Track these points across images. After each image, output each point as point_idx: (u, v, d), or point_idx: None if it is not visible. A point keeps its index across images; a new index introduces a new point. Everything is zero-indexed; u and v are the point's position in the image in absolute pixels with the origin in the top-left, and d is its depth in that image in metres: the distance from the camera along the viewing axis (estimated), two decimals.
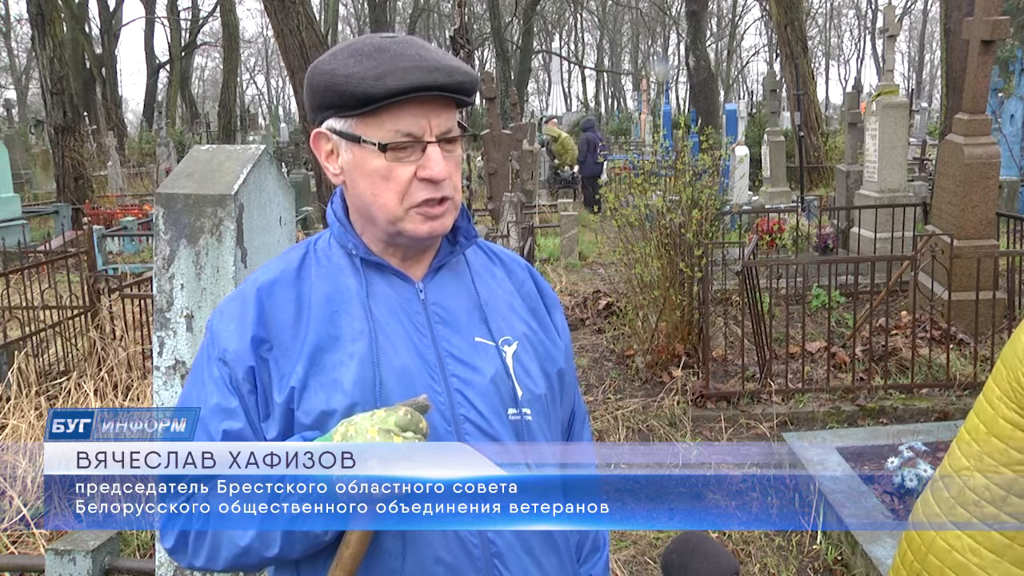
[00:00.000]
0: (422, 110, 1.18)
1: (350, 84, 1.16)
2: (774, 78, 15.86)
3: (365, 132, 1.19)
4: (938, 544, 1.66)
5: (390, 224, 1.22)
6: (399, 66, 1.15)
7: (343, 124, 1.22)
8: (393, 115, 1.18)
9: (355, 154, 1.22)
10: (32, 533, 3.67)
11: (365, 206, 1.24)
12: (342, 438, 1.11)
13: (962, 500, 1.56)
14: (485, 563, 1.20)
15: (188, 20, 36.31)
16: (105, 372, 5.02)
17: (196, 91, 47.75)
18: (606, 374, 6.02)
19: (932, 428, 4.52)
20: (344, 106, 1.19)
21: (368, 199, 1.23)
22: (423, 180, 1.20)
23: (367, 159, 1.20)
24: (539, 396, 1.30)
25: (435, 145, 1.20)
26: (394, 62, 1.16)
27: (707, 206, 5.79)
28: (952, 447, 1.70)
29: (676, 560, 1.49)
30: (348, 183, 1.25)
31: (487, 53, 44.81)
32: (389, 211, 1.21)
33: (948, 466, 1.68)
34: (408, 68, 1.15)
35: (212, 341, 1.24)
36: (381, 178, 1.20)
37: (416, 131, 1.19)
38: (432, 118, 1.19)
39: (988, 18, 5.97)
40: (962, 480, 1.58)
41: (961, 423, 1.72)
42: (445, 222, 1.24)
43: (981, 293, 5.24)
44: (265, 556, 1.15)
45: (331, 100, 1.19)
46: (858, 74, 57.20)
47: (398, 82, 1.15)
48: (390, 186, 1.20)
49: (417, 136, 1.19)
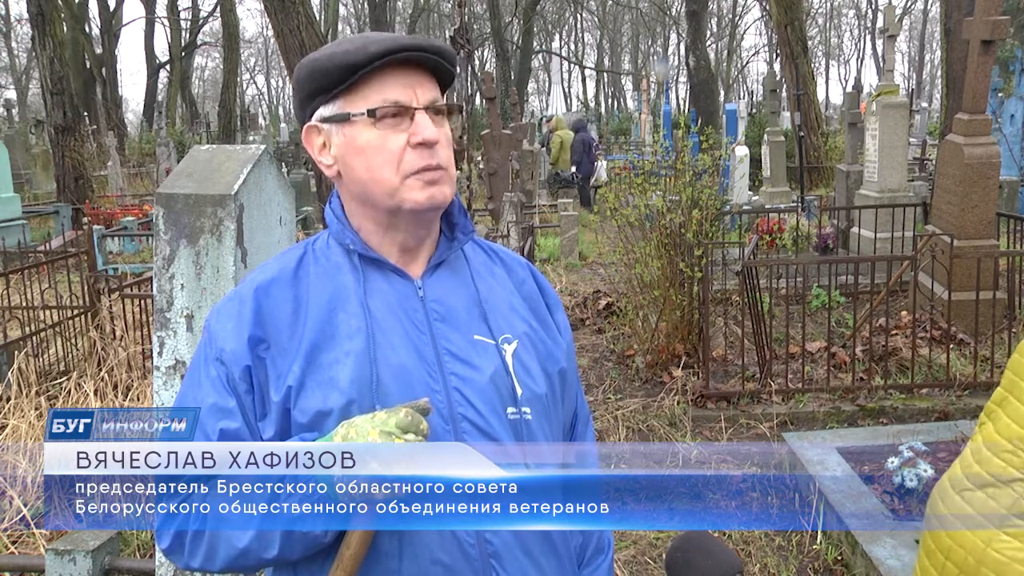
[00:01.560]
0: (406, 78, 1.21)
1: (332, 61, 1.20)
2: (774, 78, 15.86)
3: (353, 107, 1.21)
4: (991, 556, 1.60)
5: (389, 197, 1.22)
6: (377, 39, 1.20)
7: (331, 108, 1.23)
8: (377, 85, 1.20)
9: (346, 135, 1.23)
10: (32, 533, 3.67)
11: (362, 188, 1.24)
12: (342, 439, 1.10)
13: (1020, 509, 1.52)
14: (482, 564, 1.19)
15: (188, 20, 36.31)
16: (105, 372, 5.02)
17: (196, 91, 47.76)
18: (606, 374, 6.02)
19: (932, 428, 4.52)
20: (330, 85, 1.21)
21: (364, 177, 1.23)
22: (416, 147, 1.20)
23: (358, 135, 1.21)
24: (539, 395, 1.29)
25: (423, 112, 1.21)
26: (374, 37, 1.21)
27: (707, 206, 5.79)
28: (981, 453, 1.66)
29: (680, 558, 1.49)
30: (343, 171, 1.26)
31: (487, 53, 44.83)
32: (386, 183, 1.21)
33: (986, 474, 1.62)
34: (385, 39, 1.20)
35: (209, 341, 1.24)
36: (374, 151, 1.21)
37: (403, 99, 1.21)
38: (417, 87, 1.22)
39: (988, 18, 5.97)
40: (1017, 490, 1.54)
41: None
42: (444, 190, 1.24)
43: (981, 293, 5.24)
44: (263, 557, 1.14)
45: (317, 84, 1.22)
46: (858, 74, 57.25)
47: (378, 48, 1.18)
48: (384, 157, 1.21)
49: (404, 104, 1.21)
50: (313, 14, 10.43)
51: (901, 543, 3.33)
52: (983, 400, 5.00)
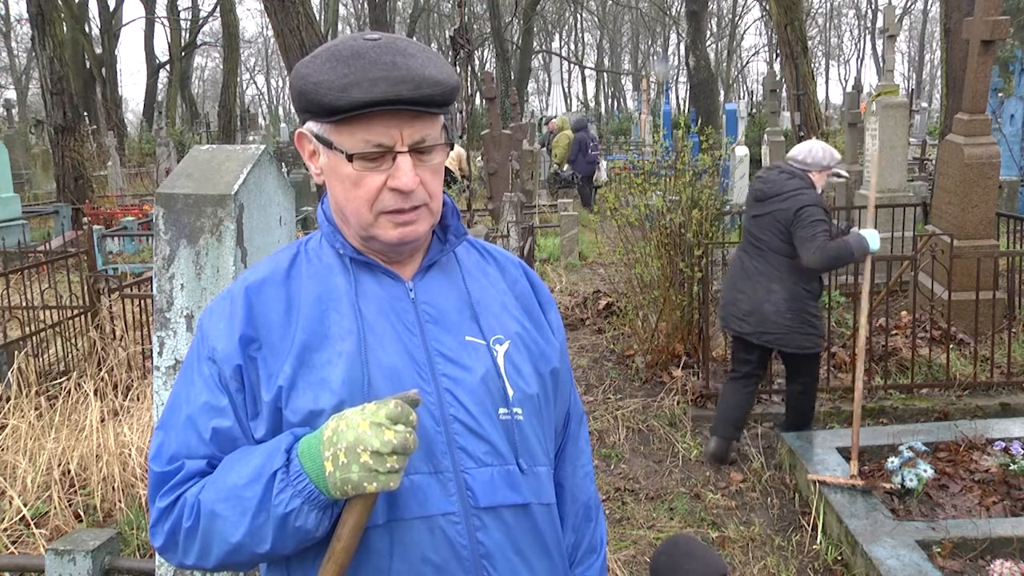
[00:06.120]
0: (393, 120, 1.17)
1: (318, 93, 1.16)
2: (774, 78, 15.87)
3: (337, 139, 1.20)
4: None
5: (362, 229, 1.23)
6: (367, 76, 1.14)
7: (319, 128, 1.22)
8: (363, 125, 1.17)
9: (330, 158, 1.22)
10: (32, 533, 3.67)
11: (340, 208, 1.25)
12: (333, 433, 1.11)
13: None
14: (473, 564, 1.20)
15: (188, 20, 36.30)
16: (105, 372, 5.02)
17: (196, 91, 47.76)
18: (606, 374, 6.02)
19: (932, 428, 4.52)
20: (317, 112, 1.19)
21: (342, 202, 1.23)
22: (392, 190, 1.19)
23: (339, 165, 1.20)
24: (531, 396, 1.29)
25: (406, 155, 1.18)
26: (363, 72, 1.14)
27: (707, 206, 5.79)
28: None
29: (665, 561, 1.50)
30: (327, 184, 1.26)
31: (487, 53, 44.82)
32: (360, 216, 1.22)
33: None
34: (375, 79, 1.14)
35: (202, 340, 1.25)
36: (352, 184, 1.20)
37: (386, 141, 1.18)
38: (404, 128, 1.18)
39: (988, 18, 5.97)
40: None
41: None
42: (417, 229, 1.23)
43: (981, 293, 5.24)
44: (257, 553, 1.14)
45: (305, 105, 1.20)
46: (858, 74, 57.26)
47: (362, 95, 1.13)
48: (360, 193, 1.20)
49: (387, 146, 1.18)
50: (313, 14, 10.43)
51: (901, 543, 3.32)
52: (983, 400, 5.01)
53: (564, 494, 1.40)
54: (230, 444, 1.20)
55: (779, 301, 4.24)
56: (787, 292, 4.24)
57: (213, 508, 1.14)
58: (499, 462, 1.23)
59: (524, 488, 1.24)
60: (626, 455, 4.76)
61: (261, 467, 1.13)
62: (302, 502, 1.11)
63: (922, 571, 3.12)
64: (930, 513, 3.73)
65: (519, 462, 1.24)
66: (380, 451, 1.07)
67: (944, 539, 3.37)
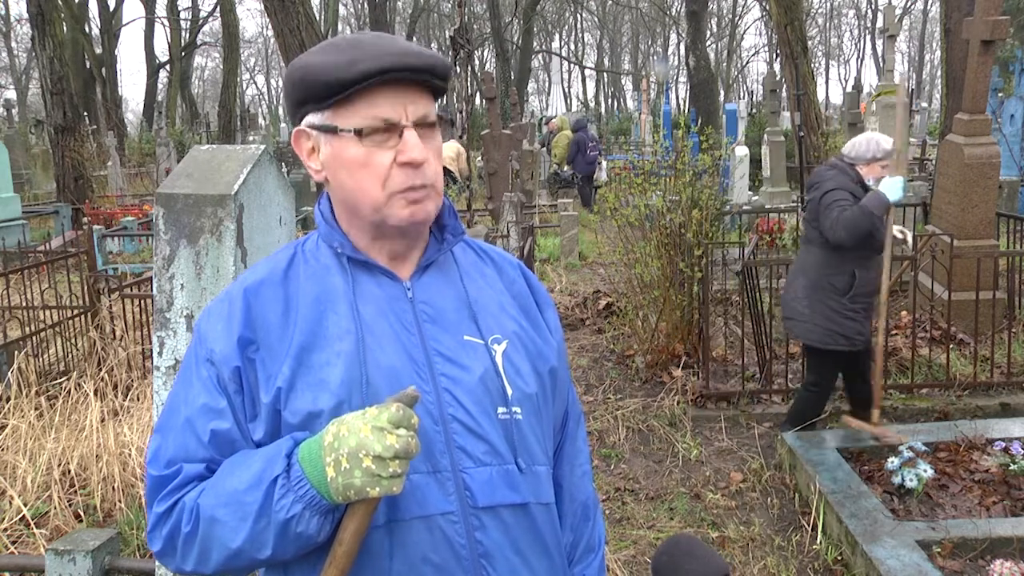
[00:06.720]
0: (396, 95, 1.19)
1: (324, 72, 1.18)
2: (774, 78, 15.85)
3: (341, 121, 1.20)
4: None
5: (374, 212, 1.22)
6: (370, 53, 1.17)
7: (320, 117, 1.22)
8: (367, 101, 1.18)
9: (333, 146, 1.22)
10: (32, 533, 3.67)
11: (348, 198, 1.24)
12: (334, 438, 1.10)
13: None
14: (472, 563, 1.19)
15: (188, 20, 36.29)
16: (105, 372, 5.02)
17: (196, 91, 47.75)
18: (606, 374, 6.02)
19: (932, 428, 4.52)
20: (319, 97, 1.20)
21: (350, 189, 1.23)
22: (403, 165, 1.20)
23: (345, 149, 1.20)
24: (530, 395, 1.29)
25: (412, 130, 1.20)
26: (366, 50, 1.18)
27: (707, 206, 5.79)
28: None
29: (667, 561, 1.50)
30: (330, 178, 1.26)
31: (487, 53, 44.81)
32: (372, 198, 1.21)
33: None
34: (379, 54, 1.17)
35: (200, 341, 1.24)
36: (360, 166, 1.20)
37: (392, 116, 1.19)
38: (407, 104, 1.20)
39: (988, 18, 5.97)
40: None
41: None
42: (427, 207, 1.23)
43: (981, 293, 5.24)
44: (257, 558, 1.14)
45: (307, 92, 1.20)
46: (858, 74, 57.24)
47: (369, 65, 1.16)
48: (370, 173, 1.20)
49: (393, 121, 1.19)
50: (313, 14, 10.43)
51: (901, 543, 3.32)
52: (983, 400, 5.01)
53: (562, 493, 1.40)
54: (229, 446, 1.19)
55: (799, 288, 4.34)
56: (808, 282, 4.30)
57: (213, 513, 1.13)
58: (498, 462, 1.22)
59: (523, 488, 1.24)
60: (626, 455, 4.76)
61: (261, 472, 1.12)
62: (303, 507, 1.10)
63: (922, 571, 3.12)
64: (930, 513, 3.73)
65: (518, 461, 1.24)
66: (383, 456, 1.07)
67: (944, 539, 3.37)
